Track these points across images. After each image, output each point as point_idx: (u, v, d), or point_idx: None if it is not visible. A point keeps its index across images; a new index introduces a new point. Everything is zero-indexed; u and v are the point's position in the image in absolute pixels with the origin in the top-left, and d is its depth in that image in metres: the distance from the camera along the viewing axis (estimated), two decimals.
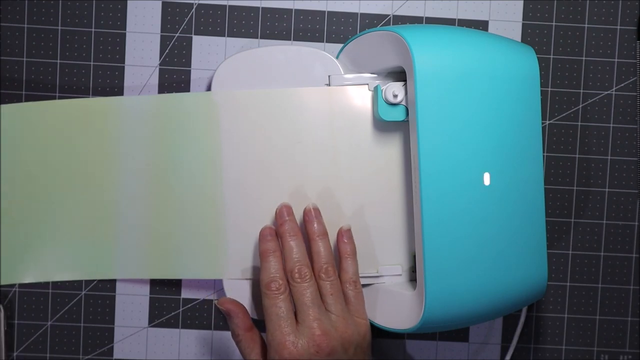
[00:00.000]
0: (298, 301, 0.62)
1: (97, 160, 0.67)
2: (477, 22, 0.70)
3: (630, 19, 0.70)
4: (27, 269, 0.67)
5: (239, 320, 0.64)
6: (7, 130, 0.67)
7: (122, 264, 0.67)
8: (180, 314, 0.70)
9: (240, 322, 0.64)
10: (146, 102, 0.67)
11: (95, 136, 0.67)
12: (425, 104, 0.61)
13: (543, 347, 0.72)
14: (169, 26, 0.69)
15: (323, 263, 0.64)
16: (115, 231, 0.67)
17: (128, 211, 0.67)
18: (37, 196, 0.67)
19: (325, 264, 0.64)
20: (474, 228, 0.62)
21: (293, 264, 0.63)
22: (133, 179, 0.67)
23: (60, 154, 0.67)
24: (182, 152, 0.67)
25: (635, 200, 0.71)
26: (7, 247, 0.67)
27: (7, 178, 0.67)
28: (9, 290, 0.70)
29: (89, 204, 0.67)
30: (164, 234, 0.67)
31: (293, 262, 0.63)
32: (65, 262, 0.67)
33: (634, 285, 0.71)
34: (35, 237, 0.67)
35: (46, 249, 0.67)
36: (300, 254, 0.64)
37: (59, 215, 0.67)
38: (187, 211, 0.67)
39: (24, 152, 0.67)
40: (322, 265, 0.64)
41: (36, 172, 0.67)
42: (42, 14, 0.69)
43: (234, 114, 0.66)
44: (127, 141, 0.67)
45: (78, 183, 0.67)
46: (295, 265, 0.63)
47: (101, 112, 0.67)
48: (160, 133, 0.67)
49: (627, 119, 0.71)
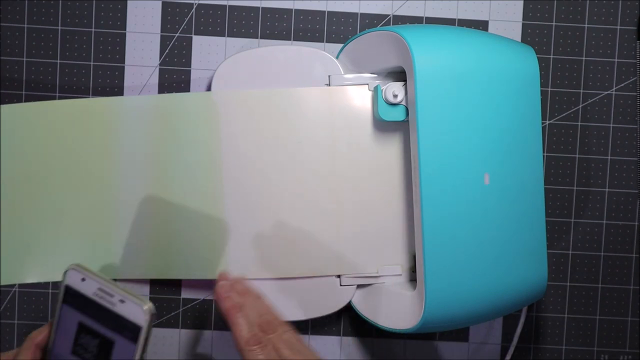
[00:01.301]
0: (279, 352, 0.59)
1: (97, 160, 0.67)
2: (477, 22, 0.70)
3: (630, 19, 0.70)
4: (28, 269, 0.67)
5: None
6: (7, 130, 0.67)
7: (122, 264, 0.67)
8: (180, 314, 0.70)
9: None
10: (146, 102, 0.67)
11: (95, 136, 0.67)
12: (425, 104, 0.61)
13: (543, 347, 0.72)
14: (169, 26, 0.69)
15: (254, 333, 0.60)
16: (115, 231, 0.67)
17: (128, 211, 0.67)
18: (38, 196, 0.67)
19: (257, 333, 0.60)
20: (474, 228, 0.62)
21: (260, 319, 0.60)
22: (133, 179, 0.67)
23: (60, 154, 0.67)
24: (182, 152, 0.66)
25: (635, 200, 0.71)
26: (8, 247, 0.67)
27: (7, 178, 0.67)
28: (9, 290, 0.70)
29: (88, 204, 0.67)
30: (164, 234, 0.67)
31: (260, 317, 0.60)
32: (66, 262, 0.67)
33: (634, 285, 0.71)
34: (36, 237, 0.67)
35: (46, 249, 0.67)
36: (263, 306, 0.61)
37: (59, 215, 0.67)
38: (187, 211, 0.67)
39: (24, 152, 0.67)
40: (257, 333, 0.60)
41: (36, 172, 0.67)
42: (42, 14, 0.69)
43: (234, 114, 0.66)
44: (127, 141, 0.67)
45: (78, 183, 0.67)
46: (262, 318, 0.60)
47: (101, 112, 0.67)
48: (160, 133, 0.67)
49: (627, 119, 0.71)
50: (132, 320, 0.56)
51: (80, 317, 0.58)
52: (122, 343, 0.57)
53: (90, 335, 0.58)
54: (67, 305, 0.58)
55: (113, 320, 0.57)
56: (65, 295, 0.59)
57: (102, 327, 0.57)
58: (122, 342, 0.57)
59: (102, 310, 0.57)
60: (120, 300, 0.57)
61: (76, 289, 0.58)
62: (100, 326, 0.57)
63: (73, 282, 0.58)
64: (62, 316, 0.59)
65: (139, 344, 0.56)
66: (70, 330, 0.58)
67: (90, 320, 0.58)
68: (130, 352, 0.57)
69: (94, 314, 0.58)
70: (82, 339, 0.58)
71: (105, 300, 0.57)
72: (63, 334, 0.59)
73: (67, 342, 0.58)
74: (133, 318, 0.56)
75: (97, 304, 0.57)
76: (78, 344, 0.58)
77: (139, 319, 0.56)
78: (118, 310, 0.57)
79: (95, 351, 0.57)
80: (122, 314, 0.57)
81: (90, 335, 0.58)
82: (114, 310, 0.57)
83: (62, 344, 0.58)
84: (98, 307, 0.57)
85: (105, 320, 0.57)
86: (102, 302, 0.57)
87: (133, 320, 0.56)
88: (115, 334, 0.57)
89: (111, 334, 0.57)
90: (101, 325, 0.57)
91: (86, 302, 0.58)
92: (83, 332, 0.58)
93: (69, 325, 0.58)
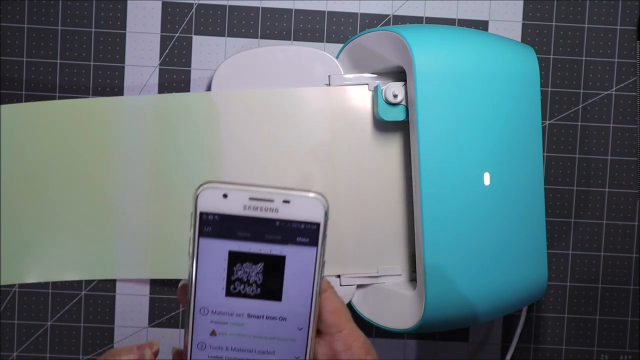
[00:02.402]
0: None
1: (97, 160, 0.67)
2: (477, 22, 0.70)
3: (630, 19, 0.70)
4: (28, 269, 0.67)
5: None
6: (7, 130, 0.67)
7: (123, 263, 0.67)
8: (180, 314, 0.70)
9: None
10: (146, 102, 0.67)
11: (95, 136, 0.67)
12: (425, 104, 0.61)
13: (543, 347, 0.72)
14: (169, 26, 0.69)
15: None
16: (116, 231, 0.67)
17: (128, 211, 0.67)
18: (38, 196, 0.67)
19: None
20: (474, 228, 0.62)
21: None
22: (133, 179, 0.67)
23: (60, 154, 0.67)
24: (182, 152, 0.66)
25: (635, 200, 0.71)
26: (8, 247, 0.67)
27: (7, 178, 0.67)
28: (9, 290, 0.70)
29: (88, 204, 0.67)
30: (164, 234, 0.67)
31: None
32: (66, 262, 0.67)
33: (634, 285, 0.71)
34: (36, 237, 0.67)
35: (46, 249, 0.67)
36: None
37: (59, 215, 0.67)
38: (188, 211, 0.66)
39: (24, 152, 0.67)
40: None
41: (36, 172, 0.67)
42: (42, 14, 0.69)
43: (234, 114, 0.66)
44: (127, 141, 0.67)
45: (78, 183, 0.67)
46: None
47: (101, 112, 0.67)
48: (160, 133, 0.67)
49: (627, 119, 0.71)
50: (304, 219, 0.46)
51: (229, 245, 0.47)
52: (295, 253, 0.47)
53: (249, 262, 0.47)
54: (207, 238, 0.47)
55: (279, 230, 0.46)
56: (202, 226, 0.47)
57: (264, 246, 0.46)
58: (295, 252, 0.47)
59: (260, 223, 0.46)
60: (284, 202, 0.46)
61: (216, 212, 0.47)
62: (262, 245, 0.46)
63: (210, 204, 0.47)
64: (203, 255, 0.47)
65: (319, 245, 0.46)
66: (218, 269, 0.47)
67: (246, 243, 0.47)
68: (308, 260, 0.47)
69: (249, 233, 0.47)
70: (238, 272, 0.47)
71: (262, 210, 0.46)
72: (208, 278, 0.47)
73: (216, 287, 0.47)
74: (306, 216, 0.46)
75: (251, 219, 0.46)
76: (234, 281, 0.47)
77: (314, 213, 0.46)
78: (283, 215, 0.46)
79: (259, 279, 0.47)
80: (291, 217, 0.46)
81: (248, 263, 0.47)
82: (278, 217, 0.46)
83: (209, 294, 0.48)
84: (254, 222, 0.46)
85: (267, 234, 0.46)
86: (259, 214, 0.46)
87: (306, 219, 0.46)
88: (285, 245, 0.47)
89: (279, 248, 0.47)
90: (262, 243, 0.46)
91: (235, 223, 0.47)
92: (237, 263, 0.47)
93: (214, 263, 0.47)
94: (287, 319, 0.48)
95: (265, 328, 0.48)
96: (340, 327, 0.50)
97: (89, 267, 0.67)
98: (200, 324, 0.48)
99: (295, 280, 0.47)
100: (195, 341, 0.49)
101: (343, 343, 0.50)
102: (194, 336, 0.48)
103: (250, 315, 0.48)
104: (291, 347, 0.48)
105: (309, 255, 0.46)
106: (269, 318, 0.48)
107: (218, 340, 0.48)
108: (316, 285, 0.47)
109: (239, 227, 0.46)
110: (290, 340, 0.48)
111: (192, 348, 0.49)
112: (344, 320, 0.50)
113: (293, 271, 0.47)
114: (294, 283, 0.47)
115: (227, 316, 0.48)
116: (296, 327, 0.48)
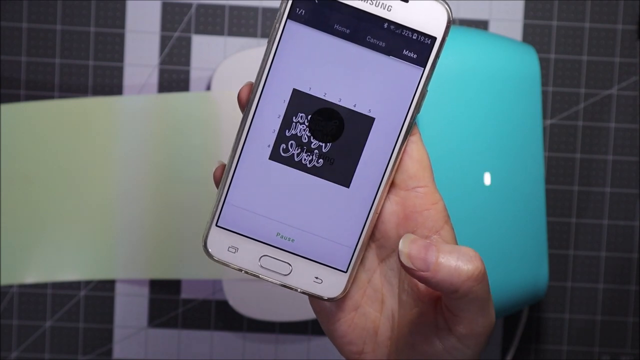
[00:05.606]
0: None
1: (97, 160, 0.67)
2: (478, 21, 0.70)
3: (631, 19, 0.70)
4: (27, 269, 0.67)
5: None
6: (7, 130, 0.67)
7: (122, 264, 0.67)
8: (180, 314, 0.70)
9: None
10: (146, 102, 0.67)
11: (94, 136, 0.67)
12: (425, 104, 0.61)
13: (544, 347, 0.71)
14: (168, 25, 0.69)
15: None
16: (115, 231, 0.67)
17: (128, 211, 0.67)
18: (37, 196, 0.67)
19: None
20: (474, 228, 0.62)
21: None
22: (133, 179, 0.67)
23: (60, 154, 0.67)
24: (182, 151, 0.66)
25: (636, 200, 0.71)
26: (7, 247, 0.67)
27: (7, 178, 0.67)
28: (8, 290, 0.70)
29: (88, 204, 0.67)
30: (164, 234, 0.67)
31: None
32: (65, 263, 0.67)
33: (635, 286, 0.71)
34: (36, 237, 0.67)
35: (46, 249, 0.67)
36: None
37: (58, 215, 0.67)
38: (187, 211, 0.67)
39: (24, 151, 0.67)
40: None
41: (36, 172, 0.67)
42: (41, 14, 0.69)
43: (234, 114, 0.66)
44: (127, 141, 0.67)
45: (78, 183, 0.67)
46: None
47: (101, 112, 0.67)
48: (160, 133, 0.66)
49: (628, 119, 0.71)
50: (420, 28, 0.37)
51: (320, 38, 0.37)
52: (394, 72, 0.38)
53: (338, 63, 0.38)
54: (297, 23, 0.37)
55: (386, 36, 0.37)
56: (294, 6, 0.37)
57: (362, 50, 0.37)
58: (395, 69, 0.38)
59: (365, 20, 0.37)
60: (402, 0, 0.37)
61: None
62: (360, 48, 0.37)
63: None
64: (286, 41, 0.37)
65: (427, 67, 0.38)
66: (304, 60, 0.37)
67: (341, 41, 0.37)
68: (409, 82, 0.38)
69: (349, 29, 0.37)
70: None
71: (373, 4, 0.37)
72: (287, 73, 0.38)
73: (293, 82, 0.38)
74: (422, 25, 0.37)
75: (356, 12, 0.37)
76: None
77: (434, 24, 0.37)
78: (396, 16, 0.37)
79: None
80: (404, 22, 0.37)
81: (337, 62, 0.38)
82: (389, 18, 0.37)
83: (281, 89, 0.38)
84: (358, 16, 0.37)
85: (370, 36, 0.37)
86: (368, 7, 0.37)
87: (422, 29, 0.37)
88: (387, 56, 0.38)
89: (377, 57, 0.38)
90: (361, 47, 0.37)
91: (335, 12, 0.37)
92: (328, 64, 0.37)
93: (300, 51, 0.37)
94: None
95: (332, 150, 0.40)
96: (421, 181, 0.41)
97: (88, 267, 0.67)
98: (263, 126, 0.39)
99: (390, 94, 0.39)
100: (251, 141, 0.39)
101: (421, 203, 0.41)
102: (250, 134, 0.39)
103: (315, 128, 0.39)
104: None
105: (411, 76, 0.38)
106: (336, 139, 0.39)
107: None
108: (411, 113, 0.39)
109: (339, 19, 0.37)
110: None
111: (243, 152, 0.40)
112: (427, 176, 0.41)
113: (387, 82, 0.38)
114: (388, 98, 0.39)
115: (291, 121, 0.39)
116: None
